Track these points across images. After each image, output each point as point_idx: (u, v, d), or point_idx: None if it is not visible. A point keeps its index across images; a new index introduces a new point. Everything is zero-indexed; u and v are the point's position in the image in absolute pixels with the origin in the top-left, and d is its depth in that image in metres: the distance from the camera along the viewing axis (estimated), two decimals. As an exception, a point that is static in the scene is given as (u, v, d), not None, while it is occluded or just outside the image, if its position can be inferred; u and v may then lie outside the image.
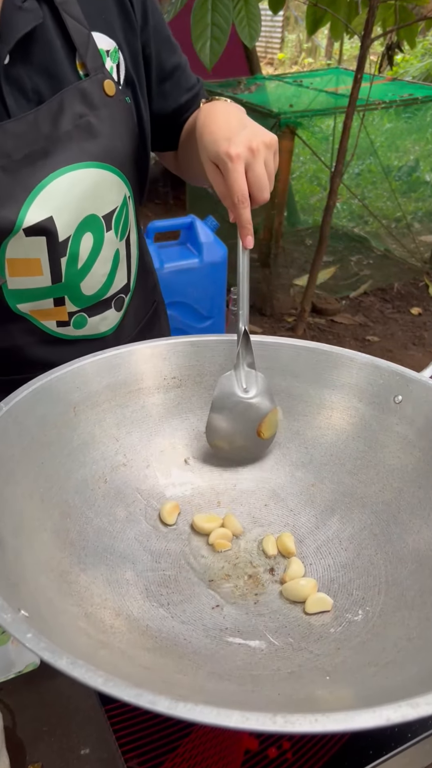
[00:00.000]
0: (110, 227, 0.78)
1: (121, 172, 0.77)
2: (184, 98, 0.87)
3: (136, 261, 0.88)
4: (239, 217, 0.68)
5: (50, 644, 0.41)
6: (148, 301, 0.97)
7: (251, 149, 0.65)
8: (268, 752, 0.56)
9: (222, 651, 0.58)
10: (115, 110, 0.75)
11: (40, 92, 0.69)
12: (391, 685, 0.50)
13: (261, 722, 0.37)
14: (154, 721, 0.58)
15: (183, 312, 1.93)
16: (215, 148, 0.66)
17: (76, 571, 0.60)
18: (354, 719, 0.37)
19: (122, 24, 0.75)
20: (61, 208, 0.71)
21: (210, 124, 0.69)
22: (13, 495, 0.60)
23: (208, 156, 0.68)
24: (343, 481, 0.74)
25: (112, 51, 0.74)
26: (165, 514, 0.71)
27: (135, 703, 0.38)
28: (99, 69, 0.72)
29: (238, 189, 0.65)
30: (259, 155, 0.66)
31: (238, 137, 0.65)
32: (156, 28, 0.80)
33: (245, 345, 0.73)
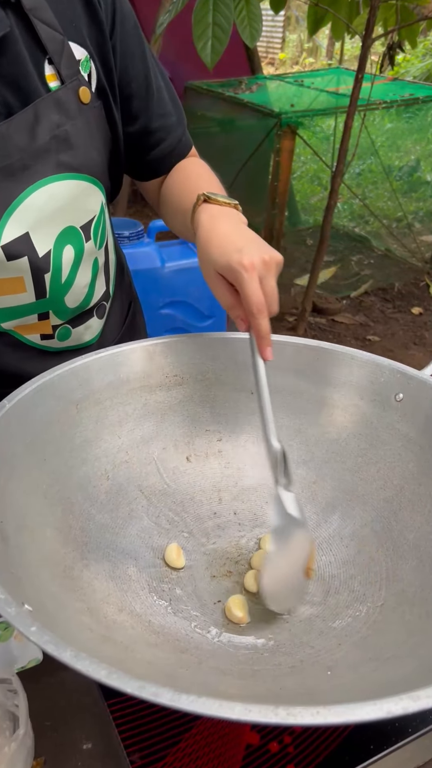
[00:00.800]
0: (89, 237, 0.76)
1: (98, 181, 0.75)
2: (154, 124, 0.81)
3: (114, 266, 0.87)
4: (258, 327, 0.65)
5: (54, 637, 0.41)
6: (125, 302, 0.95)
7: (265, 262, 0.64)
8: (269, 746, 0.56)
9: (224, 646, 0.58)
10: (91, 118, 0.72)
11: (9, 105, 0.66)
12: (393, 680, 0.50)
13: (263, 714, 0.38)
14: (156, 716, 0.58)
15: (184, 311, 1.93)
16: (226, 260, 0.64)
17: (79, 567, 0.61)
18: (355, 712, 0.38)
19: (93, 32, 0.72)
20: (38, 223, 0.69)
21: (215, 237, 0.67)
22: (16, 491, 0.60)
23: (215, 268, 0.66)
24: (344, 479, 0.74)
25: (83, 60, 0.71)
26: (172, 558, 0.67)
27: (138, 696, 0.38)
28: (74, 75, 0.69)
29: (257, 299, 0.63)
30: (272, 269, 0.65)
31: (250, 249, 0.64)
32: (123, 37, 0.75)
33: (284, 465, 0.63)
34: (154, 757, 0.55)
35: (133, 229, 1.80)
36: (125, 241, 1.78)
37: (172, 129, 0.83)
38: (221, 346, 0.80)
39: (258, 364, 0.67)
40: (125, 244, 1.77)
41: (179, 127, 0.84)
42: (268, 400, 0.65)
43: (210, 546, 0.70)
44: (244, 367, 0.80)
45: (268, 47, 8.70)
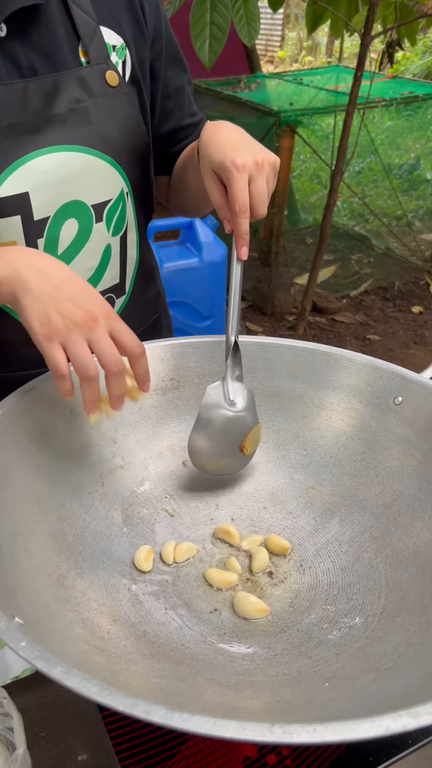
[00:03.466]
0: (101, 218, 0.76)
1: (117, 164, 0.76)
2: (185, 121, 0.87)
3: (135, 264, 0.87)
4: (238, 226, 0.67)
5: (44, 653, 0.40)
6: (148, 310, 0.95)
7: (256, 163, 0.65)
8: (267, 759, 0.55)
9: (220, 656, 0.57)
10: (116, 101, 0.74)
11: (35, 70, 0.69)
12: (391, 692, 0.49)
13: (258, 732, 0.37)
14: (151, 728, 0.57)
15: (183, 311, 1.92)
16: (221, 156, 0.65)
17: (73, 576, 0.60)
18: (353, 729, 0.37)
19: (131, 25, 0.76)
20: (40, 186, 0.70)
21: (216, 137, 0.68)
22: (9, 498, 0.59)
23: (210, 165, 0.67)
24: (343, 484, 0.73)
25: (119, 47, 0.75)
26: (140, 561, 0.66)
27: (130, 714, 0.37)
28: (102, 59, 0.72)
29: (241, 198, 0.65)
30: (263, 170, 0.66)
31: (245, 150, 0.66)
32: (168, 45, 0.82)
33: (234, 357, 0.71)
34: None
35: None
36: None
37: (197, 126, 0.89)
38: (218, 349, 0.79)
39: (234, 264, 0.70)
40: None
41: (202, 124, 0.88)
42: (239, 300, 0.70)
43: (206, 553, 0.69)
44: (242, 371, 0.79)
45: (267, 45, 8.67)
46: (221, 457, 0.73)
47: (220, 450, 0.72)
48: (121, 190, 0.78)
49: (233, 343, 0.70)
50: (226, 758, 0.55)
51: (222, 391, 0.71)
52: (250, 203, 0.66)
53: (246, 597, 0.62)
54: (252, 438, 0.73)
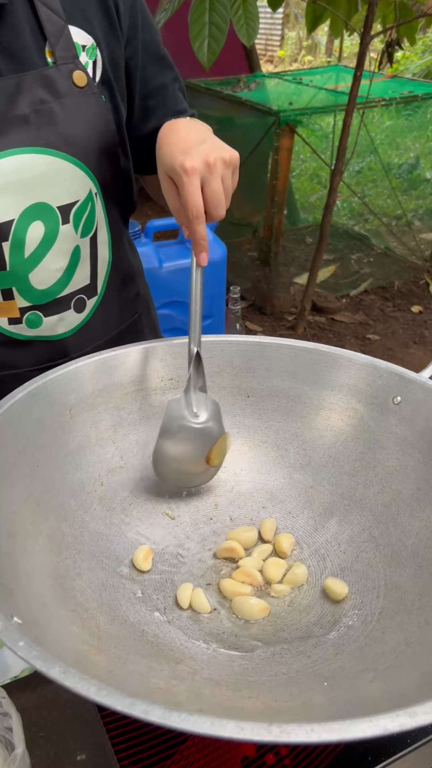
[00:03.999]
0: (67, 220, 0.74)
1: (84, 165, 0.74)
2: (168, 120, 0.80)
3: (108, 264, 0.84)
4: (194, 233, 0.65)
5: (42, 653, 0.40)
6: (125, 311, 0.92)
7: (208, 164, 0.63)
8: (265, 758, 0.55)
9: (219, 656, 0.57)
10: (85, 102, 0.72)
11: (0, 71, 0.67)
12: (390, 692, 0.49)
13: (256, 732, 0.37)
14: (150, 728, 0.57)
15: (182, 311, 1.92)
16: (170, 161, 0.64)
17: (72, 576, 0.60)
18: (351, 729, 0.37)
19: (104, 24, 0.74)
20: (3, 189, 0.69)
21: (168, 137, 0.67)
22: (8, 498, 0.59)
23: (164, 170, 0.65)
24: (342, 483, 0.73)
25: (90, 47, 0.73)
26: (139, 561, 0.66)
27: (128, 713, 0.37)
28: (70, 59, 0.71)
29: (193, 204, 0.63)
30: (216, 171, 0.63)
31: (195, 151, 0.63)
32: (145, 45, 0.79)
33: (197, 367, 0.70)
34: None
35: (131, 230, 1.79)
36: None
37: None
38: (217, 348, 0.79)
39: (194, 271, 0.67)
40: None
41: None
42: (199, 308, 0.68)
43: (206, 552, 0.69)
44: (241, 370, 0.80)
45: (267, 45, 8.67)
46: (187, 470, 0.72)
47: (186, 463, 0.71)
48: (89, 191, 0.76)
49: (195, 354, 0.69)
50: (225, 758, 0.55)
51: (183, 404, 0.70)
52: (205, 207, 0.64)
53: (245, 599, 0.62)
54: (218, 449, 0.72)
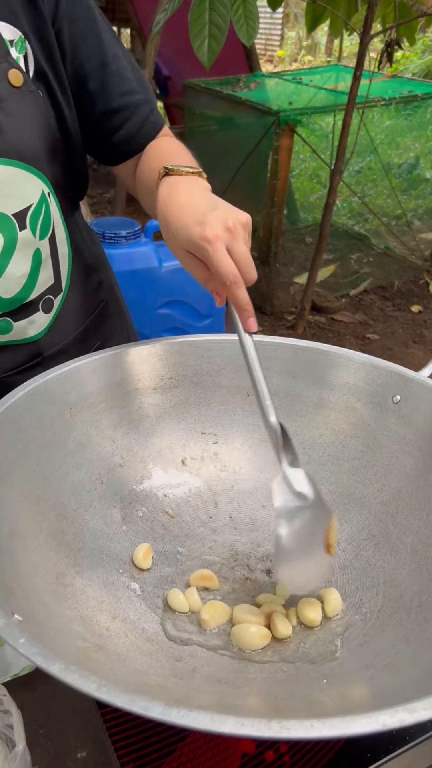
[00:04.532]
0: (24, 226, 0.72)
1: (35, 168, 0.72)
2: (115, 103, 0.77)
3: (69, 260, 0.82)
4: (236, 298, 0.61)
5: (43, 649, 0.40)
6: (90, 301, 0.90)
7: (229, 230, 0.59)
8: (265, 755, 0.56)
9: (218, 653, 0.57)
10: (24, 102, 0.69)
11: None
12: (389, 688, 0.50)
13: (256, 728, 0.37)
14: (150, 725, 0.57)
15: (182, 311, 1.92)
16: (187, 234, 0.60)
17: (72, 574, 0.60)
18: (350, 725, 0.37)
19: (28, 12, 0.69)
20: None
21: (172, 208, 0.63)
22: (8, 497, 0.59)
23: (180, 245, 0.62)
24: (341, 482, 0.73)
25: (18, 41, 0.68)
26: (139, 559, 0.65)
27: (128, 709, 0.38)
28: (2, 58, 0.66)
29: (229, 271, 0.59)
30: (238, 235, 0.60)
31: (211, 218, 0.60)
32: (74, 19, 0.72)
33: (285, 441, 0.60)
34: (148, 767, 0.55)
35: (130, 229, 1.80)
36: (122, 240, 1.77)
37: (137, 108, 0.79)
38: (217, 347, 0.79)
39: (244, 338, 0.62)
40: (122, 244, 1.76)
41: (146, 106, 0.80)
42: (261, 375, 0.61)
43: (205, 551, 0.69)
44: (241, 369, 0.79)
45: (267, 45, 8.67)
46: (313, 567, 0.59)
47: (311, 559, 0.59)
48: (41, 193, 0.74)
49: (279, 427, 0.59)
50: (225, 755, 0.55)
51: (286, 487, 0.58)
52: (239, 272, 0.60)
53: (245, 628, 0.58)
54: (333, 530, 0.60)
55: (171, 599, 0.62)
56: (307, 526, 0.57)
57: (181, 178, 0.68)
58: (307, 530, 0.57)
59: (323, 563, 0.59)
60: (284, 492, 0.58)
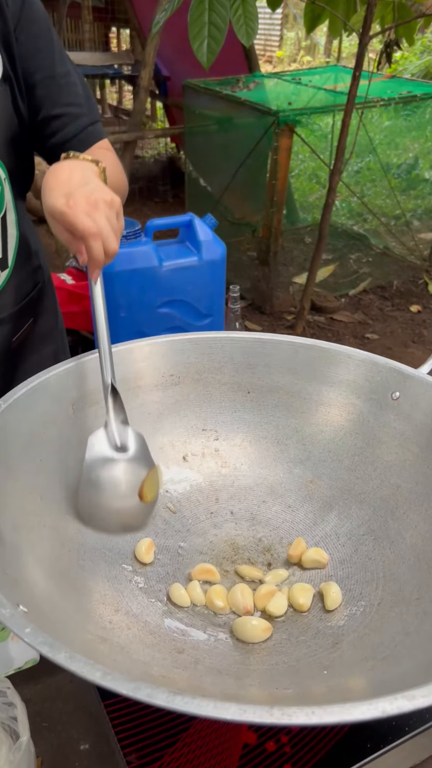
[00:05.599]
0: None
1: None
2: (56, 111, 0.83)
3: (16, 240, 0.87)
4: (90, 250, 0.64)
5: (48, 639, 0.41)
6: (29, 282, 0.96)
7: (89, 202, 0.64)
8: (266, 746, 0.56)
9: (220, 645, 0.58)
10: None
11: None
12: (389, 679, 0.50)
13: (258, 715, 0.37)
14: (152, 716, 0.58)
15: (182, 310, 1.93)
16: (53, 203, 0.64)
17: (75, 568, 0.61)
18: (350, 711, 0.38)
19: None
20: None
21: (50, 181, 0.67)
22: (12, 492, 0.60)
23: (49, 213, 0.65)
24: (341, 478, 0.74)
25: None
26: (141, 553, 0.67)
27: (133, 697, 0.38)
28: None
29: (86, 226, 0.62)
30: (99, 209, 0.64)
31: (77, 193, 0.64)
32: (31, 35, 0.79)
33: (114, 400, 0.66)
34: (151, 758, 0.55)
35: (131, 228, 1.80)
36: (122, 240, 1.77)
37: (78, 118, 0.84)
38: (217, 345, 0.80)
39: (94, 290, 0.66)
40: (122, 243, 1.76)
41: (85, 118, 0.85)
42: (106, 332, 0.66)
43: (207, 546, 0.70)
44: (241, 367, 0.80)
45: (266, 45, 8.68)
46: (119, 509, 0.66)
47: (117, 500, 0.66)
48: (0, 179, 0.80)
49: (110, 386, 0.66)
50: (226, 745, 0.56)
51: (106, 439, 0.66)
52: None
53: (247, 621, 0.60)
54: (150, 482, 0.66)
55: (173, 594, 0.63)
56: (118, 475, 0.66)
57: (75, 161, 0.71)
58: (120, 479, 0.65)
59: (140, 509, 0.67)
60: (99, 444, 0.66)
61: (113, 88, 5.93)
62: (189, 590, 0.63)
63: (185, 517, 0.73)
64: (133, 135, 3.32)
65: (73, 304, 2.07)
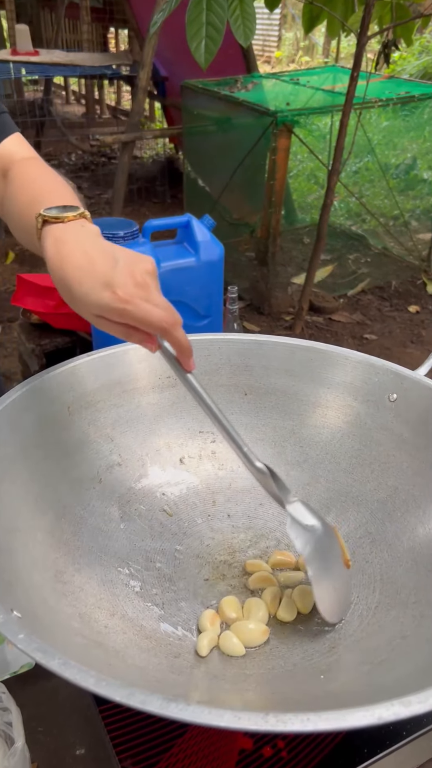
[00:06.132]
0: None
1: None
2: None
3: None
4: (179, 340, 0.57)
5: (42, 645, 0.41)
6: None
7: (139, 285, 0.54)
8: (262, 751, 0.56)
9: (217, 650, 0.58)
10: None
11: None
12: (386, 683, 0.50)
13: (253, 722, 0.37)
14: (148, 721, 0.58)
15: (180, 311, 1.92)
16: (97, 301, 0.53)
17: (71, 571, 0.60)
18: (346, 718, 0.37)
19: None
20: None
21: (69, 270, 0.55)
22: (7, 495, 0.60)
23: (90, 312, 0.55)
24: (338, 480, 0.74)
25: None
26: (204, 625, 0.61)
27: (126, 704, 0.38)
28: None
29: (162, 318, 0.54)
30: (150, 287, 0.55)
31: (118, 277, 0.53)
32: None
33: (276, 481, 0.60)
34: (146, 763, 0.55)
35: (128, 229, 1.79)
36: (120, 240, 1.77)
37: None
38: (215, 347, 0.79)
39: (192, 383, 0.59)
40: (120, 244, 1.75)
41: None
42: (228, 422, 0.59)
43: (204, 549, 0.70)
44: (238, 368, 0.80)
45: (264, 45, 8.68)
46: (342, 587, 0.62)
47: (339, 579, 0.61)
48: None
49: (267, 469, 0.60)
50: (222, 750, 0.56)
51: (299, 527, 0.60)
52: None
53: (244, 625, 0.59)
54: (343, 544, 0.65)
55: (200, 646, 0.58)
56: (326, 552, 0.60)
57: (66, 227, 0.59)
58: (327, 555, 0.60)
59: (347, 579, 0.63)
60: (298, 531, 0.59)
61: (111, 88, 5.92)
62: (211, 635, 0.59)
63: (182, 520, 0.73)
64: (132, 135, 3.31)
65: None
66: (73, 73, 3.95)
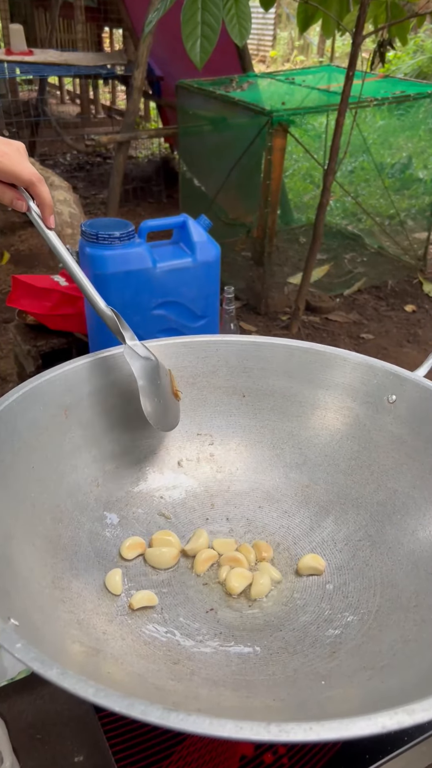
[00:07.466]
0: None
1: None
2: None
3: None
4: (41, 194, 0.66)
5: (39, 654, 0.40)
6: None
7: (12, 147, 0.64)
8: (263, 757, 0.55)
9: (216, 656, 0.57)
10: None
11: None
12: (387, 689, 0.49)
13: (255, 731, 0.36)
14: (148, 728, 0.57)
15: (177, 311, 1.91)
16: None
17: (68, 577, 0.60)
18: (349, 727, 0.37)
19: None
20: None
21: None
22: (3, 500, 0.59)
23: None
24: (338, 482, 0.73)
25: None
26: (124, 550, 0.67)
27: (126, 714, 0.37)
28: None
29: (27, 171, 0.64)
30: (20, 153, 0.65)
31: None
32: None
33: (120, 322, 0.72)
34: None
35: (124, 230, 1.78)
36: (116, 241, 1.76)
37: None
38: (212, 348, 0.79)
39: (49, 236, 0.68)
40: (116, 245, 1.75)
41: None
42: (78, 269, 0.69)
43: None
44: (236, 370, 0.80)
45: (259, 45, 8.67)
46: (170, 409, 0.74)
47: (166, 402, 0.73)
48: None
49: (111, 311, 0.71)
50: (223, 757, 0.55)
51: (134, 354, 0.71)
52: None
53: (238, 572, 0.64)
54: (174, 380, 0.77)
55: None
56: (156, 377, 0.72)
57: None
58: (158, 381, 0.72)
59: (175, 406, 0.75)
60: (134, 357, 0.71)
61: (106, 88, 5.91)
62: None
63: (180, 524, 0.72)
64: (127, 135, 3.30)
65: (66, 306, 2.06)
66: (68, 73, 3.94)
